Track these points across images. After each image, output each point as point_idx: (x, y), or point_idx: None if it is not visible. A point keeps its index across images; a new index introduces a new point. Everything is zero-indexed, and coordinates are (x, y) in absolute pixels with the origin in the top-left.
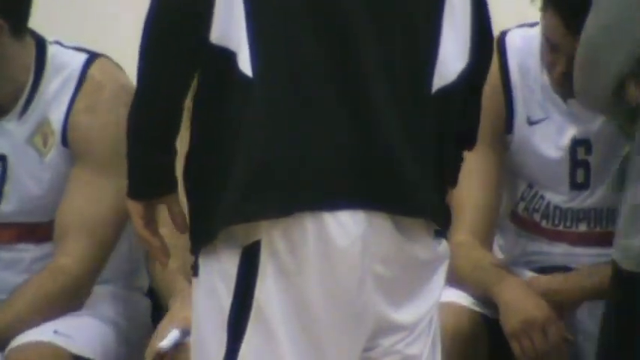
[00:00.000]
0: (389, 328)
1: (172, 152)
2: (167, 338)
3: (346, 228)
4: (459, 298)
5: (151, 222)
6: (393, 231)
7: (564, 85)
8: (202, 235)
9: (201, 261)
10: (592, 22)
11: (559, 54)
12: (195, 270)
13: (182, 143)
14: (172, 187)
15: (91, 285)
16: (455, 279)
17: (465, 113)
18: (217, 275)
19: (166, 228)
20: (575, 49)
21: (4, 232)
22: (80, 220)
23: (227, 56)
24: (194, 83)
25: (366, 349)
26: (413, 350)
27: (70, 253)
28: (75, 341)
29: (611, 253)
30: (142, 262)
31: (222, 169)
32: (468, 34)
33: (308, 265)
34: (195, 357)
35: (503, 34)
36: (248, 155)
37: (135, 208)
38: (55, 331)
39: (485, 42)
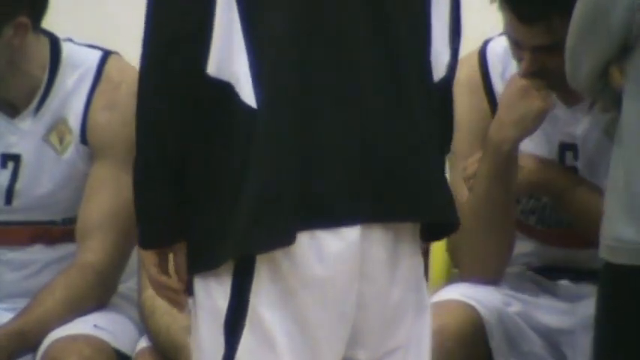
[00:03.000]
0: (370, 336)
1: (180, 196)
2: None
3: (341, 239)
4: (457, 295)
5: (165, 269)
6: (389, 240)
7: (532, 80)
8: (205, 263)
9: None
10: (577, 9)
11: (522, 49)
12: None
13: None
14: (183, 235)
15: (118, 280)
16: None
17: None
18: (213, 280)
19: None
20: (533, 42)
21: (16, 233)
22: (104, 217)
23: (224, 89)
24: None
25: None
26: None
27: (95, 250)
28: (115, 336)
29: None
30: None
31: (227, 201)
32: (447, 31)
33: (303, 270)
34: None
35: (486, 43)
36: (255, 188)
37: (149, 257)
38: (95, 325)
39: (458, 38)
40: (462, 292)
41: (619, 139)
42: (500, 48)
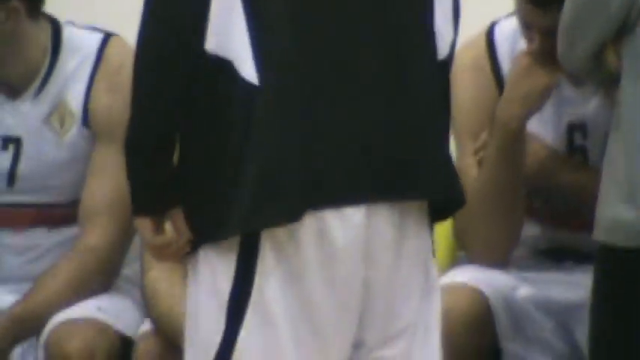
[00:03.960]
0: (380, 317)
1: (172, 165)
2: None
3: (346, 221)
4: (464, 278)
5: (161, 232)
6: (395, 220)
7: (541, 59)
8: (209, 236)
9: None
10: None
11: (532, 30)
12: (194, 247)
13: None
14: (178, 200)
15: (121, 264)
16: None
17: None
18: (217, 261)
19: None
20: (545, 23)
21: (18, 215)
22: (106, 201)
23: (223, 65)
24: None
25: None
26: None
27: (98, 233)
28: (118, 319)
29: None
30: None
31: (229, 175)
32: (450, 9)
33: (307, 251)
34: (191, 342)
35: (493, 25)
36: (258, 164)
37: (144, 224)
38: (99, 308)
39: (458, 19)
40: (469, 276)
41: (617, 121)
42: (507, 29)
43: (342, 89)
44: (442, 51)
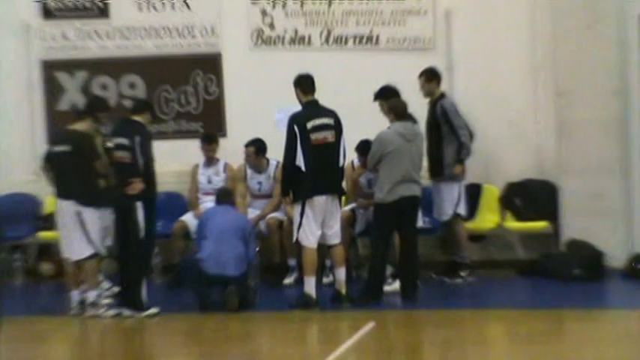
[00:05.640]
0: (329, 219)
1: (291, 183)
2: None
3: (323, 198)
4: (346, 209)
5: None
6: (333, 198)
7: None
8: (296, 200)
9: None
10: (371, 149)
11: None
12: (294, 200)
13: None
14: (289, 192)
15: (281, 202)
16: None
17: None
18: (297, 205)
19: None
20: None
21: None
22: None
23: (299, 167)
24: None
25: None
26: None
27: (277, 196)
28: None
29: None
30: None
31: (301, 185)
32: (343, 151)
33: (315, 204)
34: (294, 222)
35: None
36: (306, 186)
37: (286, 198)
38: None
39: (344, 155)
40: (348, 208)
41: (379, 178)
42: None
43: (323, 164)
44: (341, 163)
